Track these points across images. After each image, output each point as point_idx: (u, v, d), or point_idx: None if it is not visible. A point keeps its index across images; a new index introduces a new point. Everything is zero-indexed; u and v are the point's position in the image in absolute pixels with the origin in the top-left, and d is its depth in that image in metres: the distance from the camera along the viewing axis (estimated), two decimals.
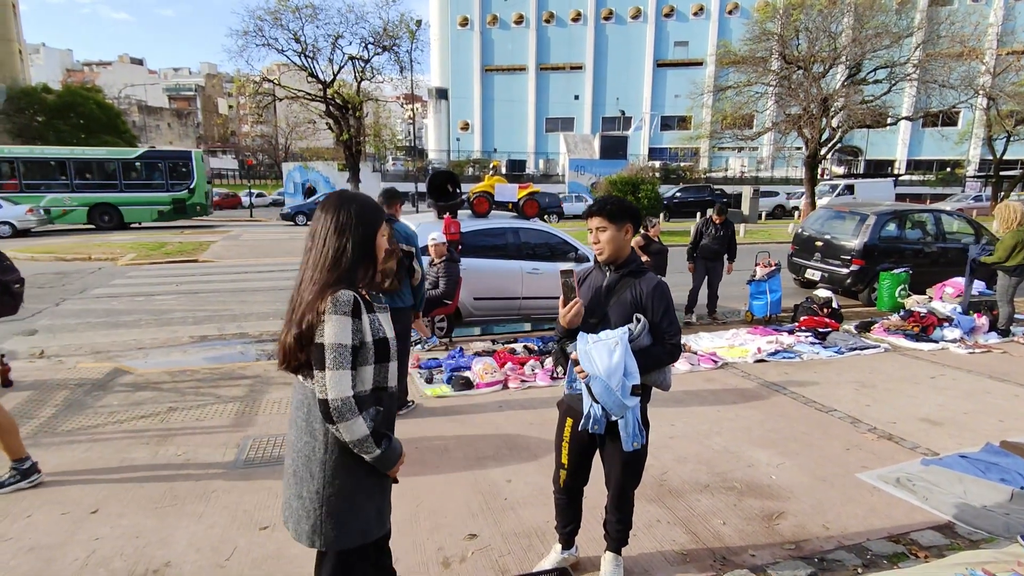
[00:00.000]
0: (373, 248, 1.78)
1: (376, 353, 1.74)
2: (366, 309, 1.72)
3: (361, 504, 1.79)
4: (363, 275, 1.78)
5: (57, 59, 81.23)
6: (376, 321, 1.75)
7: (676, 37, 52.05)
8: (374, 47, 25.91)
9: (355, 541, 1.80)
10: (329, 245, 1.71)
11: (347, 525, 1.76)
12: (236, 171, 63.84)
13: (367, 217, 1.76)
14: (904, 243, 9.37)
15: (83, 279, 11.18)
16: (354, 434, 1.66)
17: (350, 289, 1.69)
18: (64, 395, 4.92)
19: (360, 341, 1.69)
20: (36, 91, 36.40)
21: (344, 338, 1.64)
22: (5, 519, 3.08)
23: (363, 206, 1.78)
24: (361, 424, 1.66)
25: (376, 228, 1.79)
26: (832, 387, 5.34)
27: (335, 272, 1.70)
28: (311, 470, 1.74)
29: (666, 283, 2.46)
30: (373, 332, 1.72)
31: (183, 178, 21.35)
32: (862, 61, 21.65)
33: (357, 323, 1.68)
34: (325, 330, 1.64)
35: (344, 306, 1.65)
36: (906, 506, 3.32)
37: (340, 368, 1.63)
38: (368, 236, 1.76)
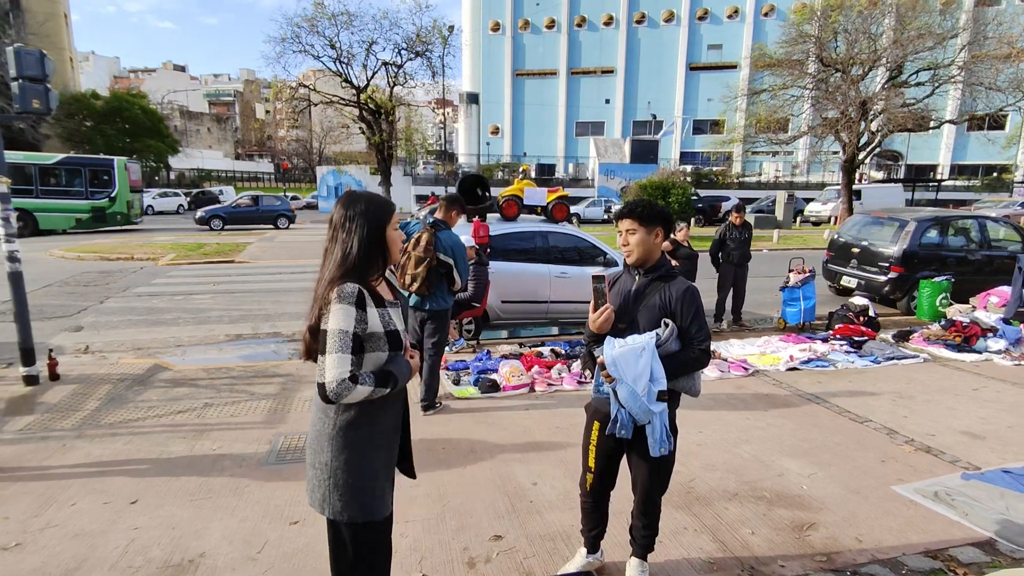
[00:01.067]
0: (381, 243, 1.87)
1: (389, 343, 1.85)
2: (375, 303, 1.83)
3: (364, 481, 1.88)
4: (373, 269, 1.87)
5: (105, 66, 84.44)
6: (387, 315, 1.86)
7: (710, 40, 51.39)
8: (407, 52, 26.32)
9: (358, 515, 1.88)
10: (338, 243, 1.83)
11: (352, 498, 1.86)
12: (272, 175, 65.37)
13: (373, 214, 1.85)
14: (946, 250, 9.08)
15: (126, 278, 11.58)
16: (361, 396, 1.77)
17: (357, 282, 1.80)
18: (107, 389, 5.11)
19: (367, 331, 1.80)
20: (86, 97, 37.90)
21: (346, 325, 1.76)
22: (52, 506, 3.22)
23: (369, 204, 1.87)
24: (363, 389, 1.76)
25: (383, 224, 1.87)
26: (868, 397, 5.21)
27: (343, 267, 1.81)
28: (321, 444, 1.88)
29: (696, 288, 2.44)
30: (384, 324, 1.84)
31: (104, 186, 20.69)
32: (903, 63, 21.03)
33: (361, 313, 1.78)
34: (329, 318, 1.77)
35: (348, 297, 1.76)
36: (944, 521, 3.21)
37: (339, 352, 1.74)
38: (375, 232, 1.85)
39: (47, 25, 34.01)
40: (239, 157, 76.45)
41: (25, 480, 3.50)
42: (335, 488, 1.85)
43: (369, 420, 1.87)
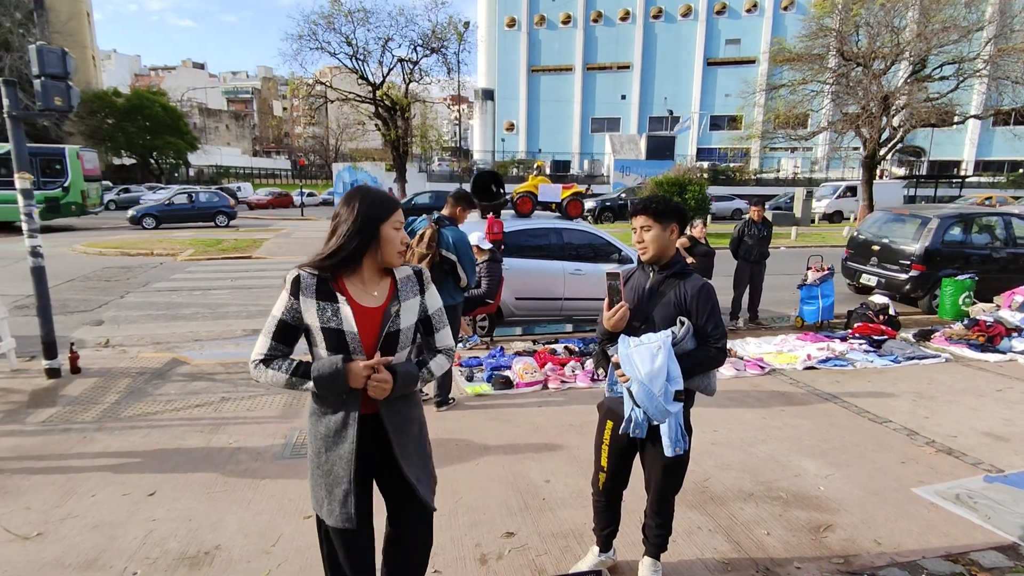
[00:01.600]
0: (370, 240, 1.80)
1: (327, 341, 1.77)
2: (318, 295, 1.77)
3: (310, 475, 1.91)
4: (351, 264, 1.80)
5: (126, 64, 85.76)
6: (329, 309, 1.76)
7: (728, 35, 50.81)
8: (423, 49, 26.36)
9: (312, 504, 1.92)
10: (331, 232, 1.82)
11: (311, 487, 1.92)
12: (289, 171, 65.94)
13: (368, 211, 1.80)
14: (970, 248, 8.88)
15: (146, 273, 11.76)
16: (275, 382, 1.79)
17: (319, 272, 1.78)
18: (127, 383, 5.19)
19: (300, 322, 1.79)
20: (107, 95, 38.55)
21: (276, 309, 1.80)
22: (73, 496, 3.28)
23: (365, 199, 1.82)
24: (274, 374, 1.78)
25: (376, 222, 1.80)
26: (887, 397, 5.12)
27: (321, 255, 1.80)
28: None
29: (711, 285, 2.40)
30: (322, 320, 1.76)
31: (56, 176, 20.01)
32: (927, 57, 20.58)
33: (294, 301, 1.77)
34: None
35: (286, 282, 1.80)
36: (966, 524, 3.15)
37: (263, 333, 1.81)
38: (366, 228, 1.79)
39: (70, 24, 34.61)
40: (257, 154, 77.21)
41: (47, 471, 3.57)
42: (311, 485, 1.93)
43: (316, 416, 1.88)
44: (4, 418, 4.40)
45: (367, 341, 1.80)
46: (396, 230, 1.83)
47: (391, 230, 1.82)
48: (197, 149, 46.26)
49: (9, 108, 4.89)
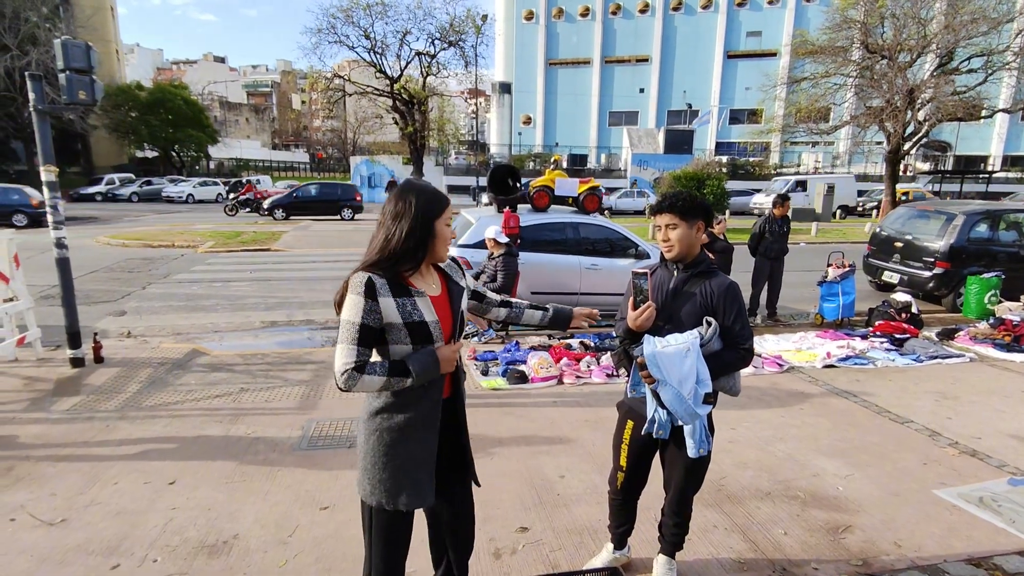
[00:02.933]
0: (426, 236, 1.83)
1: (412, 335, 1.80)
2: (393, 293, 1.79)
3: (384, 470, 1.87)
4: (410, 261, 1.82)
5: (149, 58, 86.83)
6: (409, 304, 1.80)
7: (749, 27, 50.04)
8: (440, 42, 26.34)
9: (377, 501, 1.89)
10: (382, 230, 1.83)
11: (375, 483, 1.88)
12: (307, 164, 66.44)
13: (423, 207, 1.82)
14: (996, 245, 8.68)
15: (167, 265, 11.94)
16: (373, 387, 1.77)
17: (383, 272, 1.79)
18: (148, 373, 5.28)
19: (382, 321, 1.78)
20: (130, 88, 39.06)
21: (353, 315, 1.76)
22: (96, 484, 3.35)
23: (420, 195, 1.84)
24: (372, 379, 1.76)
25: (432, 217, 1.83)
26: (909, 397, 5.03)
27: (379, 254, 1.80)
28: (360, 426, 1.94)
29: (737, 284, 2.35)
30: (404, 315, 1.79)
31: None
32: (955, 49, 20.07)
33: (371, 303, 1.76)
34: (344, 307, 1.80)
35: (357, 287, 1.77)
36: (989, 528, 3.09)
37: (345, 342, 1.76)
38: (422, 224, 1.81)
39: (94, 18, 35.06)
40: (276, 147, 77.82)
41: (71, 459, 3.65)
42: (363, 470, 1.91)
43: (397, 409, 1.85)
44: (30, 406, 4.50)
45: (445, 328, 1.88)
46: (448, 225, 1.89)
47: (444, 226, 1.87)
48: (217, 142, 46.79)
49: (35, 102, 4.98)
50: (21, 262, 5.71)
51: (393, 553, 1.98)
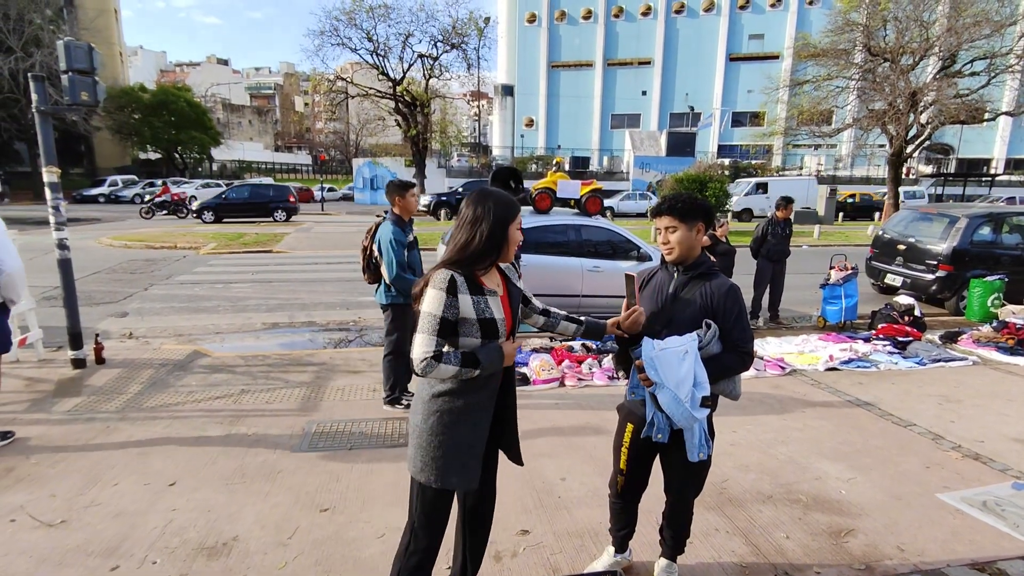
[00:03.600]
0: (502, 239, 1.99)
1: (483, 330, 1.96)
2: (470, 291, 1.95)
3: (442, 449, 1.99)
4: (485, 261, 1.99)
5: (152, 60, 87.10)
6: (483, 303, 1.97)
7: (751, 30, 50.07)
8: (443, 45, 26.44)
9: (427, 479, 2.01)
10: (463, 231, 1.99)
11: (428, 462, 2.01)
12: (310, 166, 66.53)
13: (500, 212, 1.99)
14: (1000, 248, 8.66)
15: (169, 266, 11.95)
16: (447, 375, 1.92)
17: (461, 270, 1.95)
18: (149, 374, 5.28)
19: (458, 316, 1.93)
20: (134, 90, 39.18)
21: (435, 308, 1.91)
22: (96, 485, 3.34)
23: (498, 202, 2.00)
24: (447, 367, 1.90)
25: (507, 222, 2.00)
26: (912, 400, 5.01)
27: (461, 254, 1.97)
28: (417, 407, 2.06)
29: (738, 286, 2.33)
30: (478, 312, 1.96)
31: None
32: (957, 52, 20.05)
33: (452, 299, 1.92)
34: (424, 299, 1.95)
35: (440, 283, 1.92)
36: (993, 532, 3.06)
37: (425, 332, 1.91)
38: (499, 229, 1.98)
39: (98, 20, 35.20)
40: (279, 149, 78.02)
41: (71, 460, 3.65)
42: (418, 448, 2.02)
43: (458, 395, 1.99)
44: (31, 407, 4.50)
45: (507, 325, 2.05)
46: (518, 230, 2.05)
47: (515, 230, 2.03)
48: (220, 144, 46.88)
49: (37, 103, 4.99)
50: (24, 263, 5.71)
51: (434, 528, 2.10)
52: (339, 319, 7.83)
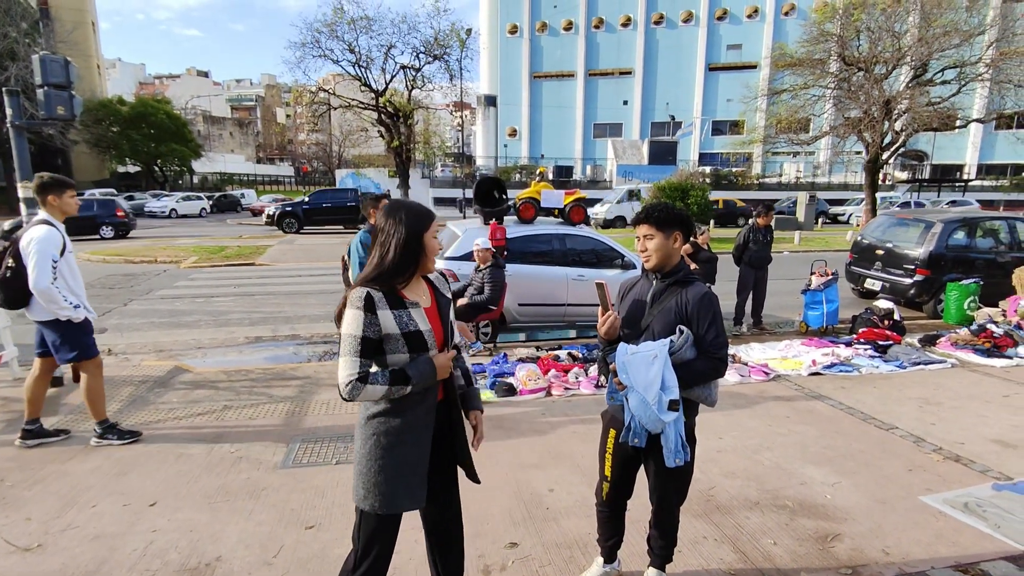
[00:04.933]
0: (418, 250, 1.95)
1: (409, 344, 1.91)
2: (391, 305, 1.90)
3: (380, 473, 1.95)
4: (404, 274, 1.95)
5: (131, 73, 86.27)
6: (405, 316, 1.92)
7: (729, 40, 50.94)
8: (425, 56, 26.45)
9: (371, 506, 1.96)
10: (377, 247, 1.95)
11: (369, 488, 1.96)
12: (292, 178, 66.14)
13: (411, 224, 1.95)
14: (974, 252, 8.85)
15: (149, 281, 11.78)
16: (376, 396, 1.88)
17: (379, 286, 1.90)
18: (129, 391, 5.18)
19: (380, 333, 1.88)
20: (112, 103, 38.75)
21: (354, 329, 1.86)
22: (73, 507, 3.26)
23: (408, 213, 1.97)
24: (375, 388, 1.86)
25: (420, 232, 1.95)
26: (893, 403, 5.08)
27: (376, 270, 1.92)
28: (357, 432, 2.03)
29: (714, 293, 2.36)
30: (401, 326, 1.90)
31: None
32: (928, 61, 20.56)
33: (371, 316, 1.87)
34: (343, 321, 1.90)
35: (356, 301, 1.87)
36: (975, 533, 3.11)
37: (347, 355, 1.86)
38: (411, 239, 1.94)
39: (75, 33, 34.80)
40: (260, 161, 77.46)
41: (48, 481, 3.56)
42: (359, 475, 1.98)
43: (393, 414, 1.94)
44: (6, 427, 4.39)
45: (438, 336, 2.01)
46: (435, 238, 2.01)
47: (431, 239, 1.99)
48: (201, 156, 46.48)
49: (12, 117, 4.92)
50: None
51: (378, 557, 2.04)
52: (323, 332, 7.76)
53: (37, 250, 3.71)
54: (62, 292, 3.81)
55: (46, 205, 3.90)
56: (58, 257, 3.79)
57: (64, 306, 3.83)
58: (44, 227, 3.79)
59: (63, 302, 3.81)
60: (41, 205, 3.91)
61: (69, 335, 3.96)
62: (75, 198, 4.04)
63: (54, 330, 3.94)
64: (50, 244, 3.75)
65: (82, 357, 4.05)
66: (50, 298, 3.76)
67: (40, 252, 3.71)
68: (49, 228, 3.80)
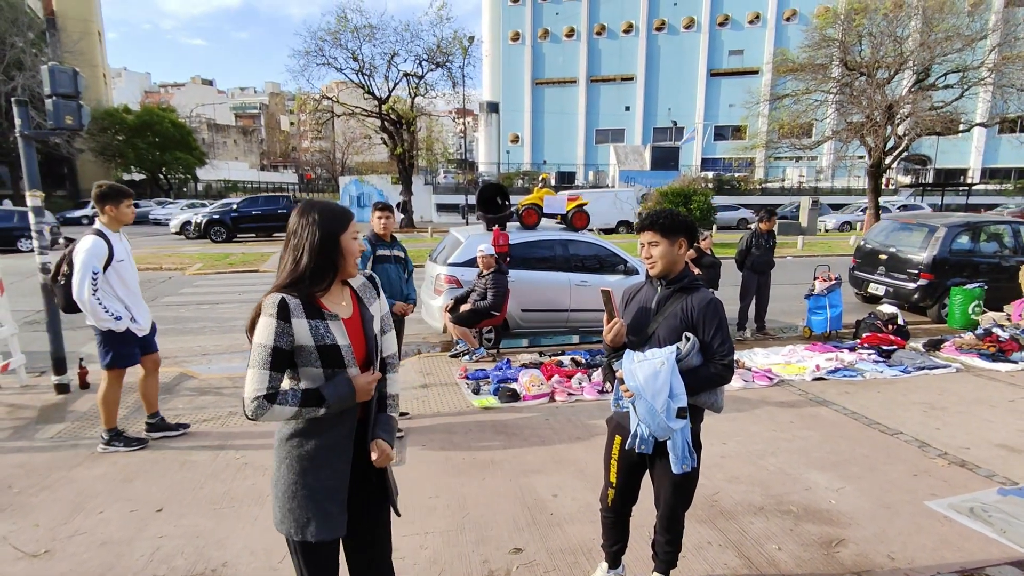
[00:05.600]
0: (333, 253, 1.79)
1: (323, 358, 1.75)
2: (307, 315, 1.74)
3: (297, 498, 1.79)
4: (322, 280, 1.77)
5: (136, 82, 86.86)
6: (322, 328, 1.75)
7: (731, 46, 51.02)
8: (428, 64, 26.61)
9: (288, 531, 1.81)
10: (289, 251, 1.78)
11: (286, 513, 1.80)
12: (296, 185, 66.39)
13: (326, 224, 1.78)
14: (978, 256, 8.84)
15: (155, 288, 11.83)
16: (283, 417, 1.72)
17: (296, 293, 1.73)
18: (135, 398, 5.18)
19: (293, 344, 1.72)
20: (118, 112, 39.01)
21: (265, 339, 1.69)
22: (81, 513, 3.28)
23: (322, 213, 1.80)
24: (283, 409, 1.70)
25: (336, 234, 1.79)
26: (898, 408, 5.07)
27: (291, 276, 1.75)
28: (273, 453, 1.87)
29: (719, 299, 2.36)
30: (316, 338, 1.73)
31: None
32: (931, 66, 20.60)
33: (284, 325, 1.70)
34: (255, 330, 1.73)
35: (270, 308, 1.71)
36: (981, 538, 3.10)
37: (256, 367, 1.69)
38: (326, 242, 1.77)
39: (81, 43, 35.13)
40: (264, 168, 77.83)
41: (55, 487, 3.58)
42: (274, 498, 1.83)
43: (308, 435, 1.79)
44: (14, 434, 4.42)
45: (358, 352, 1.83)
46: (354, 240, 1.84)
47: (351, 240, 1.82)
48: (205, 164, 46.71)
49: (21, 127, 4.97)
50: (4, 287, 5.64)
51: None
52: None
53: (79, 261, 3.83)
54: (103, 303, 3.89)
55: (104, 214, 4.02)
56: (99, 268, 3.86)
57: (103, 317, 3.91)
58: (91, 238, 3.89)
59: (103, 314, 3.90)
60: (100, 214, 4.02)
61: (107, 342, 4.04)
62: (132, 207, 4.14)
63: (97, 335, 4.04)
64: (93, 256, 3.84)
65: (114, 365, 4.11)
66: (89, 309, 3.87)
67: (82, 264, 3.82)
68: (96, 239, 3.89)
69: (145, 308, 4.28)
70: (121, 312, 4.00)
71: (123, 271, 4.04)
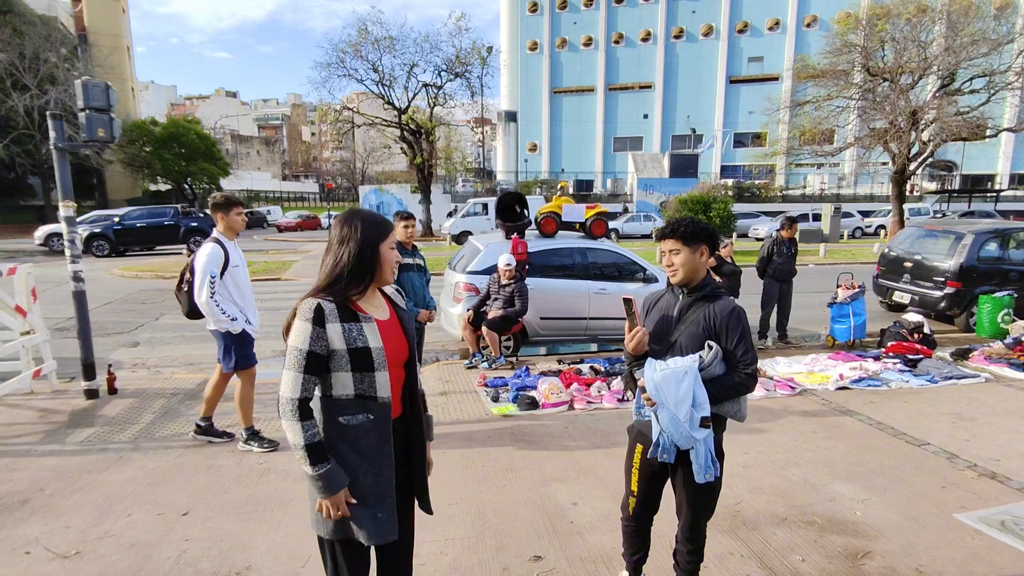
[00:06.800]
0: (372, 261, 1.85)
1: (353, 361, 1.78)
2: (341, 318, 1.78)
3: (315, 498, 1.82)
4: (358, 285, 1.83)
5: (163, 94, 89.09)
6: (355, 330, 1.79)
7: (750, 53, 50.76)
8: (447, 74, 26.91)
9: (320, 530, 1.85)
10: (331, 255, 1.85)
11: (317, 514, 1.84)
12: (317, 194, 67.32)
13: (367, 232, 1.85)
14: (1008, 264, 8.63)
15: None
16: (290, 436, 1.76)
17: (332, 298, 1.79)
18: (161, 403, 5.32)
19: (327, 348, 1.76)
20: (145, 124, 39.98)
21: (301, 343, 1.74)
22: (110, 516, 3.35)
23: (365, 222, 1.87)
24: (297, 430, 1.74)
25: (376, 242, 1.85)
26: (925, 419, 4.97)
27: (329, 279, 1.82)
28: None
29: (742, 308, 2.35)
30: (348, 341, 1.77)
31: None
32: (956, 70, 20.28)
33: (319, 330, 1.75)
34: (291, 333, 1.79)
35: (306, 312, 1.76)
36: (1013, 553, 3.02)
37: (292, 369, 1.74)
38: (367, 249, 1.84)
39: (111, 58, 36.17)
40: (286, 178, 79.09)
41: (86, 490, 3.67)
42: (311, 500, 1.86)
43: (349, 442, 1.82)
44: (45, 438, 4.54)
45: (392, 355, 1.86)
46: (392, 249, 1.91)
47: (388, 249, 1.89)
48: (229, 174, 47.60)
49: (55, 140, 5.13)
50: (37, 295, 5.81)
51: None
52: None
53: (199, 267, 4.05)
54: (221, 305, 4.08)
55: (218, 223, 4.23)
56: (216, 273, 4.06)
57: (221, 319, 4.11)
58: (210, 245, 4.09)
59: (220, 315, 4.09)
60: (216, 223, 4.23)
61: (227, 345, 4.24)
62: (241, 215, 4.32)
63: (218, 339, 4.26)
64: (211, 262, 4.03)
65: (239, 366, 4.30)
66: (208, 312, 4.08)
67: (201, 269, 4.03)
68: (214, 246, 4.09)
69: (256, 313, 4.49)
70: (236, 314, 4.20)
71: (238, 276, 4.25)
